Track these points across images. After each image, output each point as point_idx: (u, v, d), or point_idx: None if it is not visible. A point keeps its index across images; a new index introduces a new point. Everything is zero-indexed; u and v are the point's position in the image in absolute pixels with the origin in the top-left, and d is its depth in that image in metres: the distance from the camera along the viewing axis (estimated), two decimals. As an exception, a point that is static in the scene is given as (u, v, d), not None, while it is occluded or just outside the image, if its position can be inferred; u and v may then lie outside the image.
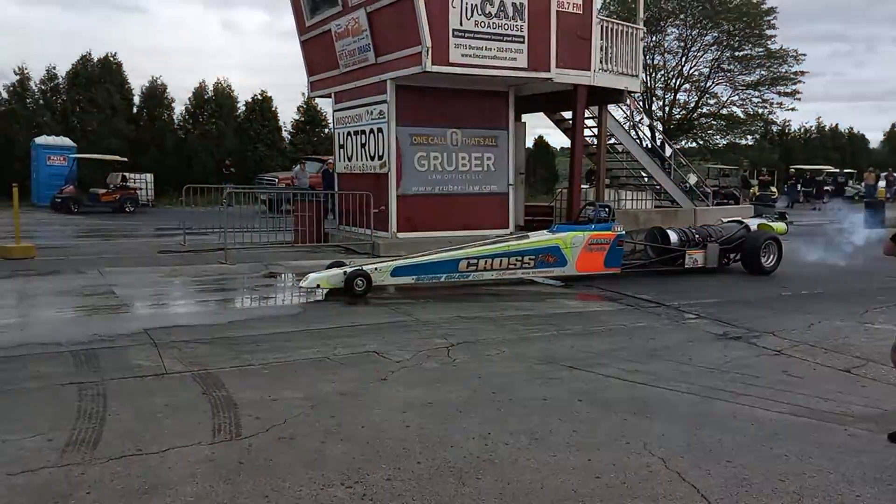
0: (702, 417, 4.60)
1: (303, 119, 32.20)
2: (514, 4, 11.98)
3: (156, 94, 29.17)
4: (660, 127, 33.11)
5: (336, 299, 8.43)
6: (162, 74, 41.03)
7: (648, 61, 32.62)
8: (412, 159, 12.72)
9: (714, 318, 7.81)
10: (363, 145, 13.52)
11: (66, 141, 23.95)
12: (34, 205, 22.48)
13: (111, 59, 28.19)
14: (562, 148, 33.08)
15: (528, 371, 5.65)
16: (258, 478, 3.58)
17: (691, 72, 35.21)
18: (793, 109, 37.80)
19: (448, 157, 13.01)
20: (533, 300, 8.90)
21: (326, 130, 30.46)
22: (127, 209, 21.64)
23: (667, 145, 17.72)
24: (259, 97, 31.01)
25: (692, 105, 36.32)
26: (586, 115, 14.77)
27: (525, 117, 15.73)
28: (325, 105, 22.29)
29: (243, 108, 30.84)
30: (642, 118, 17.26)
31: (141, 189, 23.54)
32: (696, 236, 11.08)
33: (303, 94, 27.53)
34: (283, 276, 10.38)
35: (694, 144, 38.10)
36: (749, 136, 39.48)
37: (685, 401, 4.93)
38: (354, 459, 3.82)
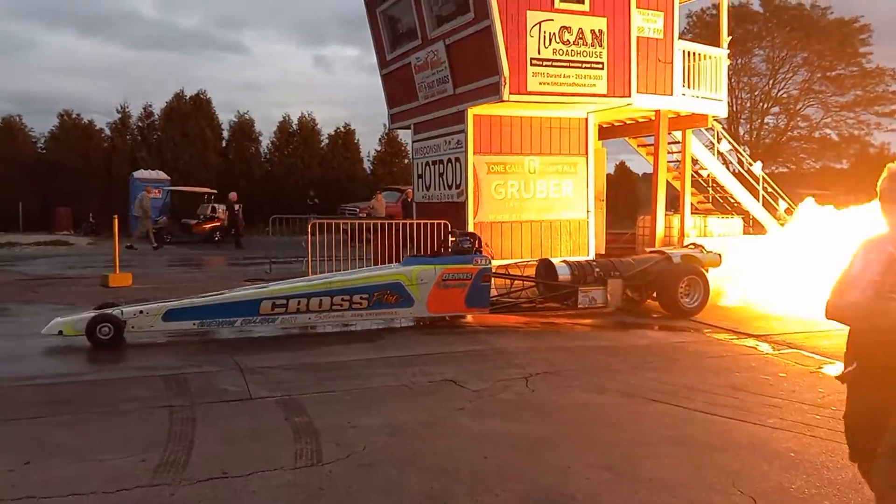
0: (797, 456, 4.35)
1: (384, 150, 32.95)
2: (592, 31, 11.94)
3: (244, 129, 30.53)
4: (748, 151, 32.09)
5: (413, 328, 8.49)
6: (249, 109, 42.91)
7: (734, 84, 31.77)
8: (489, 187, 12.76)
9: (803, 348, 7.42)
10: (441, 175, 13.68)
11: (161, 174, 25.30)
12: (132, 235, 23.79)
13: (202, 96, 29.74)
14: (644, 174, 32.51)
15: (609, 404, 5.50)
16: (338, 501, 3.61)
17: (780, 94, 34.06)
18: (893, 131, 35.93)
19: (525, 185, 12.98)
20: (614, 331, 8.70)
21: (406, 161, 31.04)
22: (216, 239, 22.57)
23: (755, 170, 17.13)
24: (342, 130, 31.99)
25: (781, 128, 35.06)
26: (669, 140, 14.48)
27: (606, 143, 15.57)
28: (405, 136, 22.78)
29: (327, 140, 31.86)
30: (728, 142, 16.73)
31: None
32: (596, 270, 9.57)
33: (384, 125, 28.26)
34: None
35: (784, 169, 36.69)
36: (844, 160, 37.72)
37: (777, 437, 4.68)
38: (432, 489, 3.80)
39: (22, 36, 61.41)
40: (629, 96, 12.31)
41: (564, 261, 9.83)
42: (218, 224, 23.24)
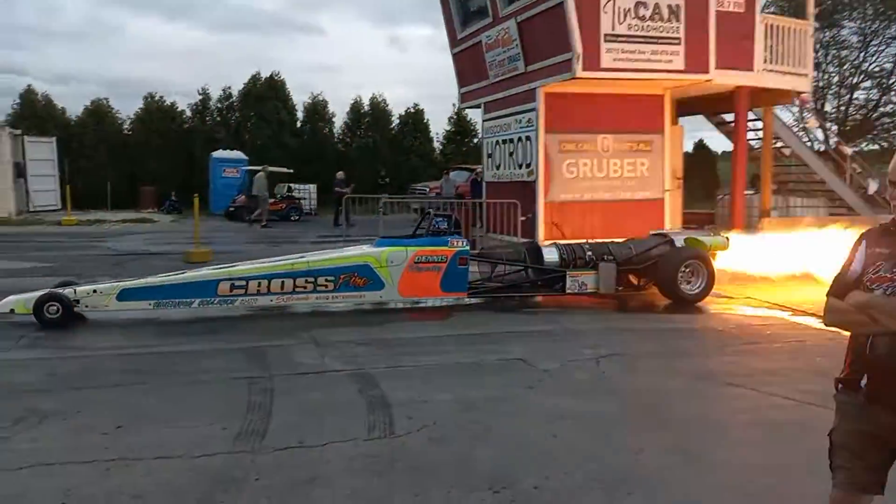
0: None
1: (453, 129, 32.95)
2: (669, 6, 11.57)
3: (317, 110, 31.08)
4: (835, 128, 30.54)
5: (484, 307, 8.52)
6: (323, 91, 43.62)
7: (821, 58, 30.21)
8: (561, 166, 12.61)
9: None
10: (511, 154, 13.60)
11: (239, 154, 26.05)
12: (211, 213, 24.66)
13: (276, 78, 30.37)
14: (723, 152, 31.40)
15: (683, 386, 5.41)
16: (410, 476, 3.70)
17: (872, 68, 32.16)
18: None
19: (598, 164, 12.76)
20: (688, 312, 8.50)
21: (476, 140, 30.97)
22: (292, 217, 23.15)
23: (843, 148, 16.30)
24: (412, 110, 32.14)
25: (873, 104, 33.15)
26: (750, 117, 13.94)
27: (683, 120, 15.11)
28: (475, 115, 22.69)
29: (397, 120, 32.09)
30: (813, 119, 15.97)
31: (304, 199, 25.10)
32: (588, 254, 8.94)
33: (454, 105, 28.21)
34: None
35: (876, 147, 34.76)
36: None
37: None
38: (502, 465, 3.84)
39: (111, 22, 64.23)
40: (707, 72, 11.90)
41: (555, 243, 9.30)
42: (294, 203, 23.80)
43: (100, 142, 27.34)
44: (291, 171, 24.39)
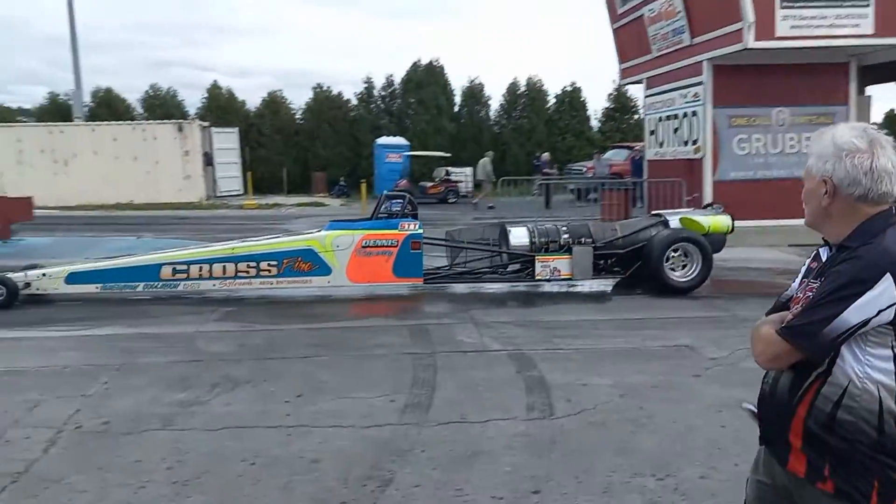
0: None
1: (612, 107, 32.03)
2: (858, -38, 10.49)
3: (474, 93, 31.44)
4: None
5: (644, 293, 8.27)
6: (480, 74, 43.92)
7: None
8: (730, 142, 11.92)
9: None
10: (676, 130, 13.03)
11: (401, 140, 26.99)
12: (376, 197, 25.80)
13: (434, 64, 31.03)
14: (919, 122, 28.03)
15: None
16: (569, 458, 3.72)
17: None
18: None
19: (773, 139, 11.92)
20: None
21: (636, 117, 29.91)
22: (450, 200, 23.70)
23: None
24: (569, 88, 31.62)
25: None
26: (955, 83, 12.36)
27: (870, 89, 13.68)
28: (636, 91, 21.90)
29: (553, 100, 31.71)
30: None
31: (462, 181, 25.58)
32: (564, 237, 8.11)
33: (613, 81, 27.37)
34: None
35: None
36: None
37: None
38: (665, 452, 3.76)
39: (287, 17, 68.60)
40: (904, 33, 10.68)
41: (527, 226, 8.52)
42: (452, 186, 24.34)
43: (275, 131, 29.44)
44: (449, 154, 24.91)
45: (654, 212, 9.20)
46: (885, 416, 1.60)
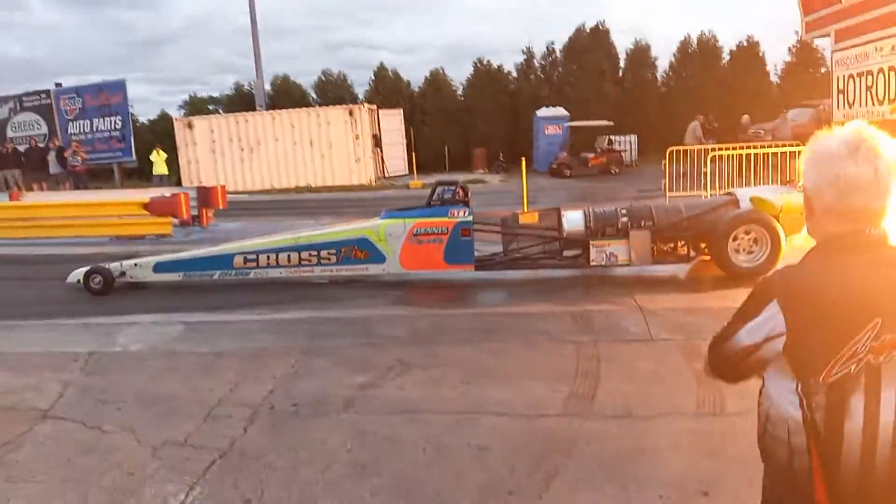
0: None
1: (794, 60, 29.34)
2: None
3: (639, 56, 30.12)
4: None
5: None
6: (647, 33, 41.94)
7: None
8: (936, 100, 10.56)
9: None
10: (868, 88, 11.75)
11: (560, 111, 26.57)
12: (535, 171, 25.70)
13: (600, 26, 30.05)
14: None
15: None
16: (742, 459, 3.58)
17: None
18: None
19: None
20: None
21: (823, 70, 27.18)
22: (613, 171, 23.08)
23: None
24: (744, 43, 29.36)
25: None
26: None
27: None
28: (821, 42, 19.86)
29: (727, 57, 29.62)
30: None
31: (625, 151, 24.78)
32: (623, 220, 7.72)
33: (796, 32, 24.98)
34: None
35: None
36: None
37: None
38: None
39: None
40: None
41: (585, 209, 8.11)
42: (615, 157, 23.68)
43: (437, 110, 30.10)
44: (611, 123, 24.18)
45: (728, 191, 8.52)
46: (794, 451, 1.52)
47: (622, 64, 30.41)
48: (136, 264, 8.49)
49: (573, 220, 8.04)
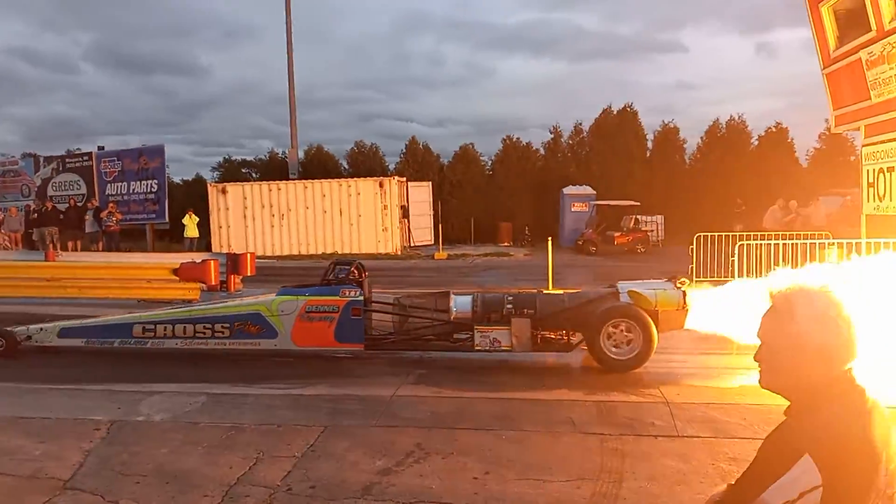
0: None
1: (823, 147, 29.48)
2: None
3: (668, 137, 30.49)
4: None
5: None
6: (677, 114, 42.36)
7: None
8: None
9: None
10: (900, 182, 11.73)
11: (587, 189, 26.83)
12: (560, 247, 25.78)
13: (628, 108, 30.60)
14: None
15: None
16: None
17: None
18: None
19: None
20: None
21: (852, 157, 27.22)
22: (639, 250, 23.04)
23: None
24: (773, 128, 29.63)
25: None
26: None
27: None
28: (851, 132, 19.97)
29: (756, 141, 29.87)
30: None
31: (652, 231, 24.78)
32: (508, 307, 7.81)
33: (826, 120, 25.14)
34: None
35: None
36: None
37: None
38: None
39: (484, 65, 71.53)
40: None
41: (475, 293, 8.28)
42: (641, 236, 23.70)
43: (466, 183, 30.56)
44: (638, 203, 24.32)
45: (612, 284, 8.49)
46: None
47: (650, 145, 30.79)
48: (41, 329, 8.59)
49: (461, 304, 8.12)
